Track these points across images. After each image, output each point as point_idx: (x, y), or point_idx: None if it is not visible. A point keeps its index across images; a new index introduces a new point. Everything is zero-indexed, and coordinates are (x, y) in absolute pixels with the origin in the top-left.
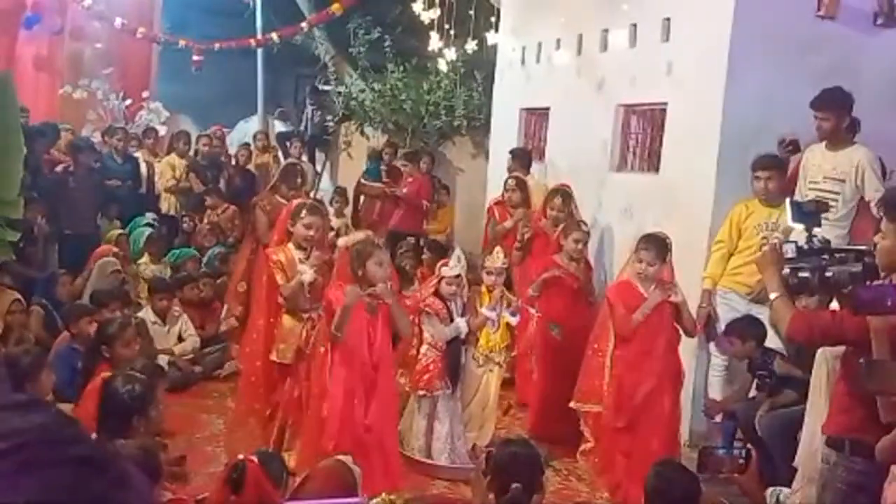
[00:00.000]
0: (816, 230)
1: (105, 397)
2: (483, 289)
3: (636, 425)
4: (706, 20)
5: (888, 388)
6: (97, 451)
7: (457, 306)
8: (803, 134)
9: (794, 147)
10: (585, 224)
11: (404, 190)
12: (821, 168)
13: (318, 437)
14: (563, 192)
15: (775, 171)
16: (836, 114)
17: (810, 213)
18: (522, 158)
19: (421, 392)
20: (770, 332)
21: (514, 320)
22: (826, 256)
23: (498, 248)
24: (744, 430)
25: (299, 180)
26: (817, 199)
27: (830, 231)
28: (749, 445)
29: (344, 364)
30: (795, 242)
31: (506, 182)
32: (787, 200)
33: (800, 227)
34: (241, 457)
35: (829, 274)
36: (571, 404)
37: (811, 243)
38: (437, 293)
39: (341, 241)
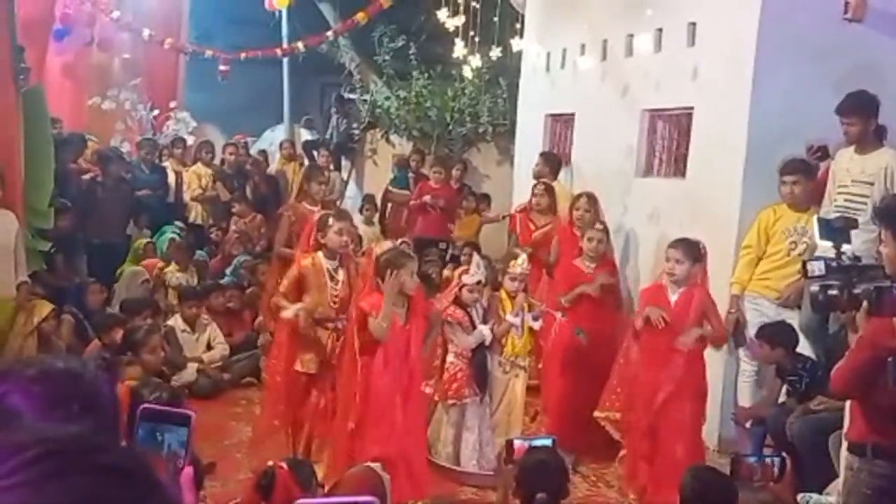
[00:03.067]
0: (845, 247)
1: (132, 405)
2: (503, 294)
3: (657, 431)
4: (732, 24)
5: None
6: (127, 461)
7: (478, 313)
8: (831, 139)
9: (823, 153)
10: (602, 223)
11: (428, 197)
12: (849, 172)
13: (349, 447)
14: (589, 194)
15: (801, 175)
16: (863, 118)
17: (839, 230)
18: (552, 162)
19: (450, 401)
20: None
21: (537, 325)
22: (855, 273)
23: (522, 254)
24: (774, 437)
25: (326, 174)
26: (845, 209)
27: (860, 236)
28: (784, 454)
29: (383, 372)
30: (824, 259)
31: (534, 187)
32: (815, 217)
33: (828, 244)
34: (270, 463)
35: (857, 291)
36: (595, 413)
37: (840, 260)
38: (457, 301)
39: (376, 249)
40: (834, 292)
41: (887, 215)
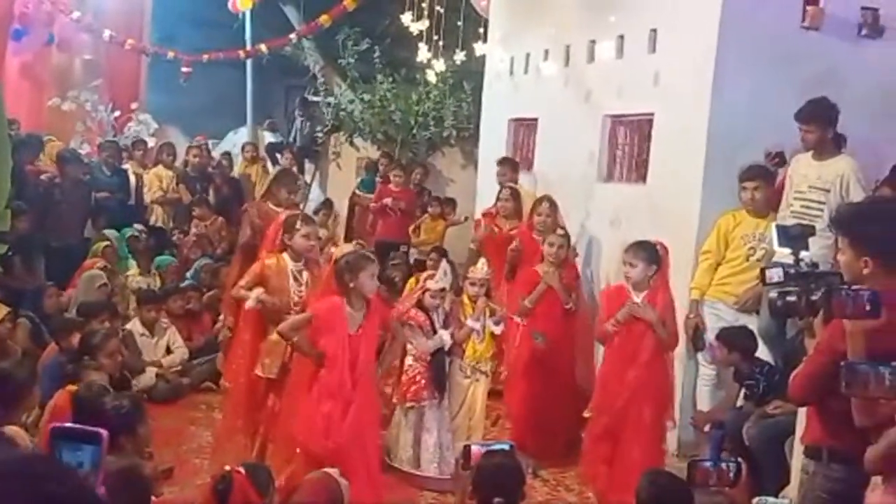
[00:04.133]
0: (804, 253)
1: (93, 413)
2: (465, 299)
3: (618, 434)
4: (692, 32)
5: (868, 393)
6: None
7: (438, 317)
8: (789, 144)
9: (780, 159)
10: (562, 228)
11: (389, 200)
12: (806, 177)
13: (287, 450)
14: (549, 198)
15: (762, 181)
16: (821, 126)
17: (797, 237)
18: (514, 167)
19: (409, 404)
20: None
21: (498, 329)
22: (813, 280)
23: (482, 259)
24: (730, 440)
25: (298, 181)
26: (802, 215)
27: (816, 242)
28: (739, 458)
29: (321, 379)
30: (783, 266)
31: (500, 192)
32: (774, 225)
33: (786, 251)
34: (227, 468)
35: (815, 297)
36: (585, 413)
37: (798, 267)
38: (419, 304)
39: (336, 252)
40: (792, 298)
41: (844, 223)
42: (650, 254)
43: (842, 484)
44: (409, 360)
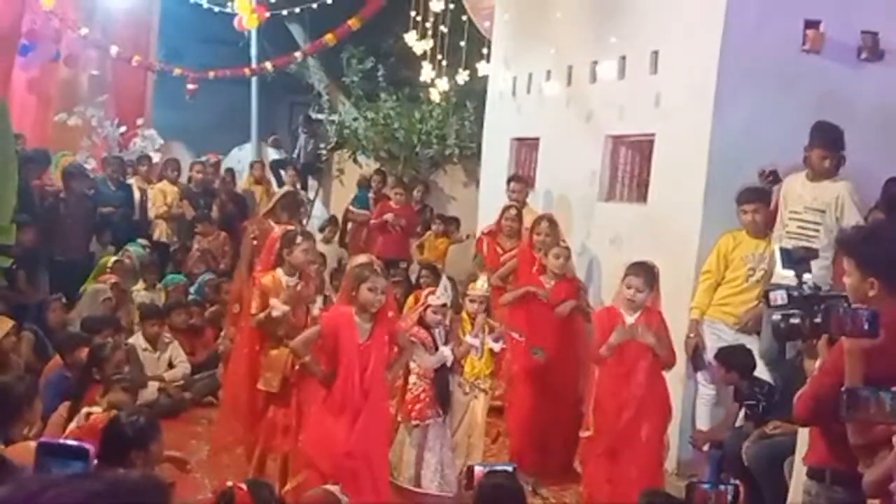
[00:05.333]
0: (807, 276)
1: (106, 427)
2: (465, 316)
3: (617, 453)
4: (694, 53)
5: (869, 418)
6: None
7: (440, 334)
8: (785, 164)
9: (774, 177)
10: (564, 241)
11: (390, 216)
12: (801, 198)
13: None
14: (549, 217)
15: (760, 203)
16: (837, 154)
17: (800, 260)
18: (527, 184)
19: (413, 422)
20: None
21: (497, 347)
22: (816, 302)
23: (482, 276)
24: (729, 460)
25: (302, 210)
26: (799, 236)
27: (814, 263)
28: (737, 481)
29: (333, 390)
30: (786, 289)
31: (506, 210)
32: (777, 247)
33: (790, 273)
34: (230, 483)
35: (818, 320)
36: (581, 433)
37: (801, 289)
38: (421, 322)
39: (352, 261)
40: (796, 321)
41: (851, 245)
42: (653, 276)
43: None
44: (412, 378)
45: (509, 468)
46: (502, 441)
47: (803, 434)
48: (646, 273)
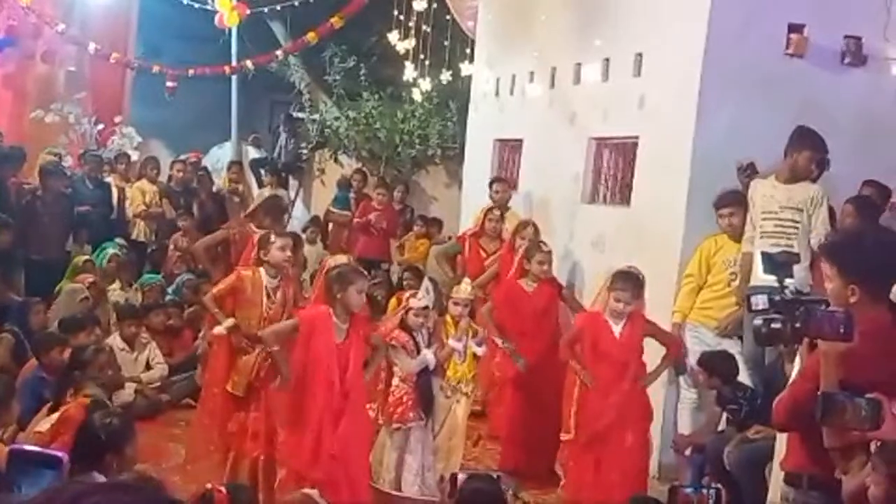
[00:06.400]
0: (788, 281)
1: (80, 429)
2: (448, 319)
3: (599, 456)
4: (678, 56)
5: (844, 423)
6: None
7: (423, 337)
8: (767, 166)
9: (752, 170)
10: (545, 244)
11: (373, 216)
12: (773, 198)
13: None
14: (533, 224)
15: (737, 206)
16: (824, 157)
17: (782, 265)
18: (509, 186)
19: (395, 425)
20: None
21: (480, 351)
22: (798, 307)
23: (465, 279)
24: (711, 465)
25: (284, 217)
26: (778, 234)
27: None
28: (720, 485)
29: (312, 391)
30: (768, 293)
31: (488, 211)
32: (759, 252)
33: (771, 278)
34: (209, 486)
35: (800, 325)
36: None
37: (783, 294)
38: (402, 325)
39: (330, 262)
40: (777, 326)
41: (832, 251)
42: (640, 286)
43: None
44: (394, 381)
45: (492, 475)
46: (483, 444)
47: (781, 439)
48: (633, 285)
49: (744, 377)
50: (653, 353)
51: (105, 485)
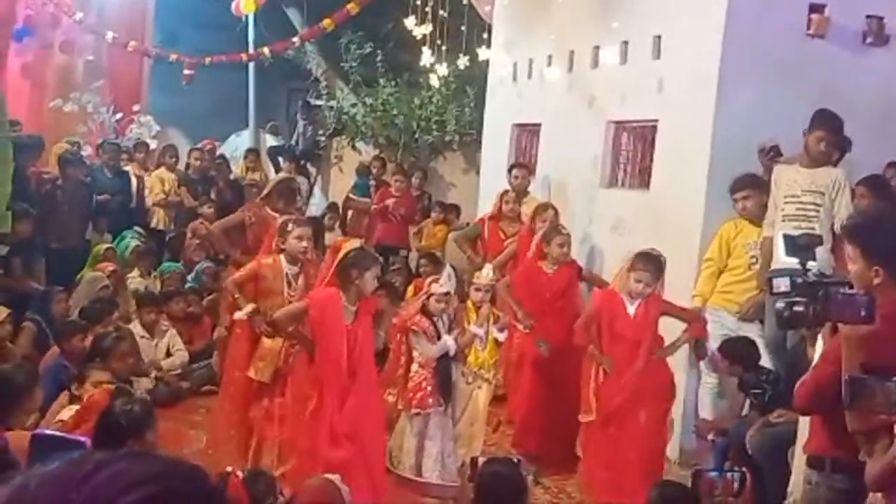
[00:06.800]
0: (811, 263)
1: (102, 415)
2: (470, 305)
3: (615, 437)
4: (697, 38)
5: (873, 407)
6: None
7: (444, 323)
8: (787, 149)
9: (776, 153)
10: (564, 227)
11: (391, 201)
12: (797, 182)
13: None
14: (554, 207)
15: (751, 189)
16: (834, 138)
17: (804, 247)
18: (529, 171)
19: (414, 410)
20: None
21: (501, 336)
22: (821, 289)
23: (487, 265)
24: (734, 449)
25: (298, 200)
26: (800, 217)
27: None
28: (744, 469)
29: (322, 372)
30: (790, 276)
31: (503, 195)
32: (781, 234)
33: (793, 261)
34: (228, 469)
35: (820, 307)
36: (580, 417)
37: (805, 276)
38: (423, 310)
39: (345, 245)
40: (799, 309)
41: (855, 233)
42: (661, 268)
43: (844, 495)
44: (414, 367)
45: (513, 459)
46: (503, 430)
47: (804, 423)
48: (654, 267)
49: (765, 361)
50: (676, 333)
51: (129, 453)
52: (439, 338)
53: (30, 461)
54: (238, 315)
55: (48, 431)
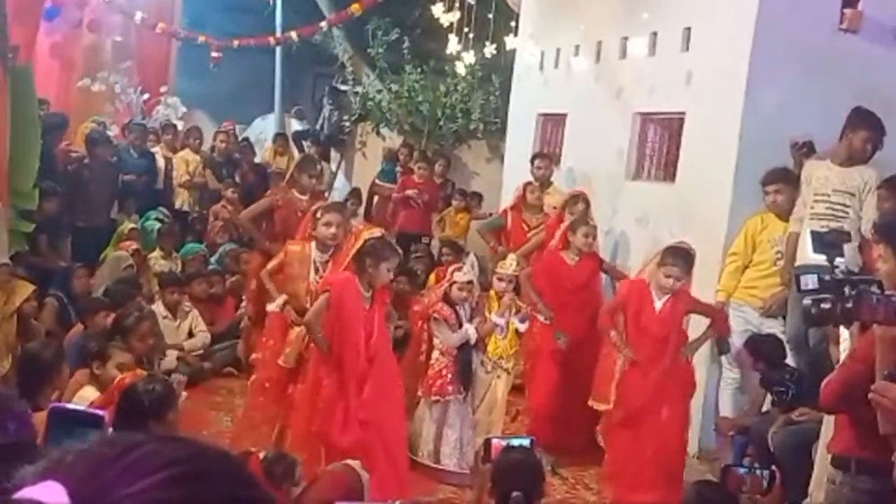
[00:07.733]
0: (839, 260)
1: (123, 395)
2: (492, 294)
3: (637, 433)
4: (727, 30)
5: None
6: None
7: (465, 311)
8: (818, 146)
9: (809, 149)
10: (591, 218)
11: (413, 191)
12: (828, 180)
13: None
14: (585, 198)
15: (783, 184)
16: (880, 139)
17: (832, 244)
18: (553, 161)
19: (434, 397)
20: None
21: (522, 327)
22: (849, 287)
23: (511, 255)
24: (756, 447)
25: (319, 167)
26: (829, 216)
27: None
28: (773, 466)
29: (341, 357)
30: (818, 273)
31: (527, 185)
32: (809, 231)
33: (821, 258)
34: (252, 449)
35: (850, 305)
36: (590, 402)
37: (833, 274)
38: (445, 298)
39: (366, 233)
40: (827, 306)
41: (888, 232)
42: (691, 262)
43: (869, 496)
44: (435, 354)
45: (527, 442)
46: (521, 419)
47: (828, 421)
48: (685, 261)
49: (787, 357)
50: (700, 328)
51: (160, 436)
52: (461, 326)
53: (47, 434)
54: (270, 307)
55: (67, 405)
